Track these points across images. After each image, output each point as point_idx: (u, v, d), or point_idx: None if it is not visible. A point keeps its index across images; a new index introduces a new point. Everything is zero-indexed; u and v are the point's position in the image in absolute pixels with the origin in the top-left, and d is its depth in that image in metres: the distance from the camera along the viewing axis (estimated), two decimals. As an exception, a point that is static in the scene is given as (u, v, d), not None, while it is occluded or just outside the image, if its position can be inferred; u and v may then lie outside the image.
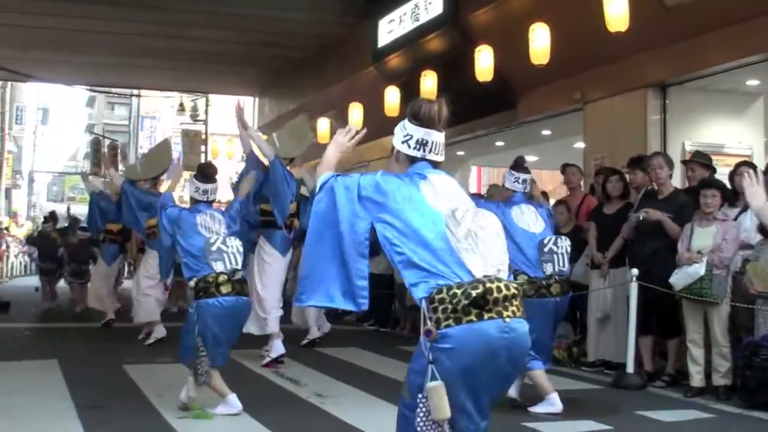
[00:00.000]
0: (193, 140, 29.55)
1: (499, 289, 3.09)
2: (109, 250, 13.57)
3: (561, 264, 6.85)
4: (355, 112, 16.30)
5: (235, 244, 6.67)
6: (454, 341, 3.05)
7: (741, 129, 11.19)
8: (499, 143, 16.24)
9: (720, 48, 9.59)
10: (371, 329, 13.29)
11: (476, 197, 7.25)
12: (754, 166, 8.17)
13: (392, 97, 14.84)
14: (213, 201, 7.19)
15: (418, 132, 3.49)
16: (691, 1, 9.42)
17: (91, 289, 14.30)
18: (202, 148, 30.12)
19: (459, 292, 3.08)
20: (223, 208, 7.52)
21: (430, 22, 13.85)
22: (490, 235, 3.27)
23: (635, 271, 8.14)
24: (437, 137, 3.49)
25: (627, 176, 9.25)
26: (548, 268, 6.81)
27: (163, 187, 11.53)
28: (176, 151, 42.60)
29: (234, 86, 24.62)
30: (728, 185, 8.21)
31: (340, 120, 17.48)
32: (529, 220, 6.98)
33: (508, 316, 3.10)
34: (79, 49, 19.17)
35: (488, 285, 3.08)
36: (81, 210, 25.61)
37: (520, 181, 7.16)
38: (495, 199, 7.57)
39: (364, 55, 16.06)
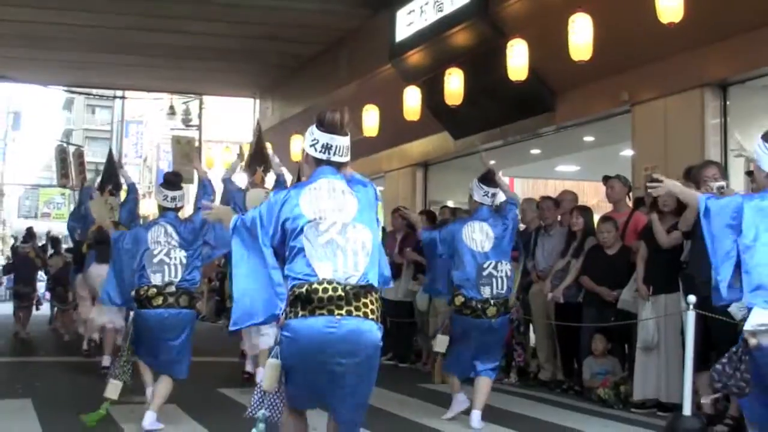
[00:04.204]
0: (185, 148, 29.57)
1: (325, 290, 4.24)
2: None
3: (500, 287, 8.01)
4: (370, 116, 16.30)
5: (179, 256, 7.71)
6: (291, 330, 4.30)
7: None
8: (535, 151, 16.22)
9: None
10: (389, 364, 13.23)
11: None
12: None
13: (412, 99, 14.85)
14: (180, 208, 8.21)
15: (324, 137, 4.59)
16: (756, -12, 9.41)
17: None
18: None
19: (295, 290, 4.28)
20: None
21: (455, 13, 13.86)
22: (354, 246, 4.38)
23: (692, 298, 8.06)
24: (340, 141, 4.61)
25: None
26: (486, 291, 7.97)
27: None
28: (166, 160, 42.94)
29: (232, 86, 24.71)
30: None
31: (353, 125, 17.49)
32: (478, 237, 8.06)
33: (340, 314, 4.25)
34: (55, 45, 19.27)
35: (314, 286, 4.25)
36: (58, 228, 25.71)
37: (489, 195, 8.27)
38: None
39: (380, 51, 16.08)
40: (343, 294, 4.25)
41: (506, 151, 15.85)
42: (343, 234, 4.37)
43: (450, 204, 15.79)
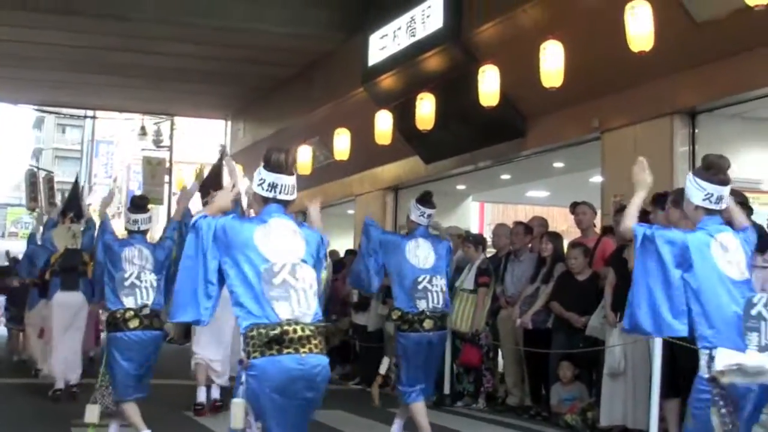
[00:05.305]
0: (156, 169, 29.52)
1: (295, 331, 4.48)
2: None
3: (435, 301, 8.05)
4: (342, 140, 16.34)
5: (150, 279, 7.77)
6: (259, 369, 4.45)
7: (781, 163, 11.20)
8: (505, 176, 16.27)
9: (758, 70, 9.62)
10: (357, 389, 13.23)
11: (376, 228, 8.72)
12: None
13: (384, 123, 14.88)
14: (145, 231, 8.18)
15: (270, 176, 4.82)
16: (725, 16, 9.48)
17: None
18: (166, 178, 30.11)
19: (263, 332, 4.47)
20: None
21: (428, 38, 13.91)
22: (304, 285, 4.62)
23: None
24: (286, 180, 4.84)
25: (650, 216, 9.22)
26: (421, 305, 8.00)
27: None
28: (136, 181, 42.78)
29: (203, 108, 24.70)
30: (766, 227, 8.21)
31: (324, 148, 17.52)
32: (422, 254, 8.16)
33: (305, 352, 4.48)
34: (25, 64, 19.20)
35: (285, 327, 4.47)
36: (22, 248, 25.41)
37: (425, 215, 8.35)
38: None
39: (353, 74, 16.12)
40: (309, 333, 4.53)
41: (477, 175, 15.92)
42: (293, 274, 4.62)
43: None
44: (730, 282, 4.98)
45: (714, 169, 5.24)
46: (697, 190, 5.21)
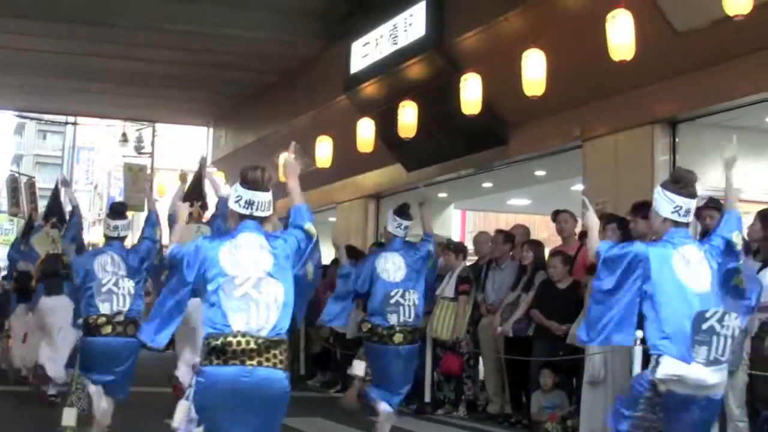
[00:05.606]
0: (137, 176, 29.40)
1: (239, 343, 4.59)
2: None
3: (407, 315, 8.16)
4: (324, 147, 16.32)
5: (128, 286, 7.84)
6: (206, 376, 4.63)
7: (763, 172, 11.21)
8: (487, 184, 16.29)
9: (739, 79, 9.69)
10: (338, 396, 13.20)
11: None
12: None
13: (366, 131, 14.88)
14: (124, 237, 8.31)
15: (246, 194, 4.97)
16: (706, 26, 9.53)
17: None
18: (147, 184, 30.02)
19: (210, 341, 4.62)
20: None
21: (410, 46, 13.94)
22: (267, 300, 4.73)
23: (639, 333, 8.10)
24: (262, 197, 4.98)
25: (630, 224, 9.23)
26: (392, 319, 8.12)
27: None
28: (117, 187, 42.62)
29: (185, 114, 24.63)
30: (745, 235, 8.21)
31: (306, 155, 17.48)
32: (391, 268, 8.31)
33: (251, 365, 4.58)
34: (6, 70, 19.12)
35: (230, 339, 4.59)
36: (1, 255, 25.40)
37: (402, 227, 8.48)
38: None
39: (335, 82, 16.11)
40: (255, 347, 4.60)
41: (459, 183, 15.93)
42: (257, 288, 4.73)
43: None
44: (690, 294, 5.08)
45: (682, 183, 5.34)
46: (666, 203, 5.29)
